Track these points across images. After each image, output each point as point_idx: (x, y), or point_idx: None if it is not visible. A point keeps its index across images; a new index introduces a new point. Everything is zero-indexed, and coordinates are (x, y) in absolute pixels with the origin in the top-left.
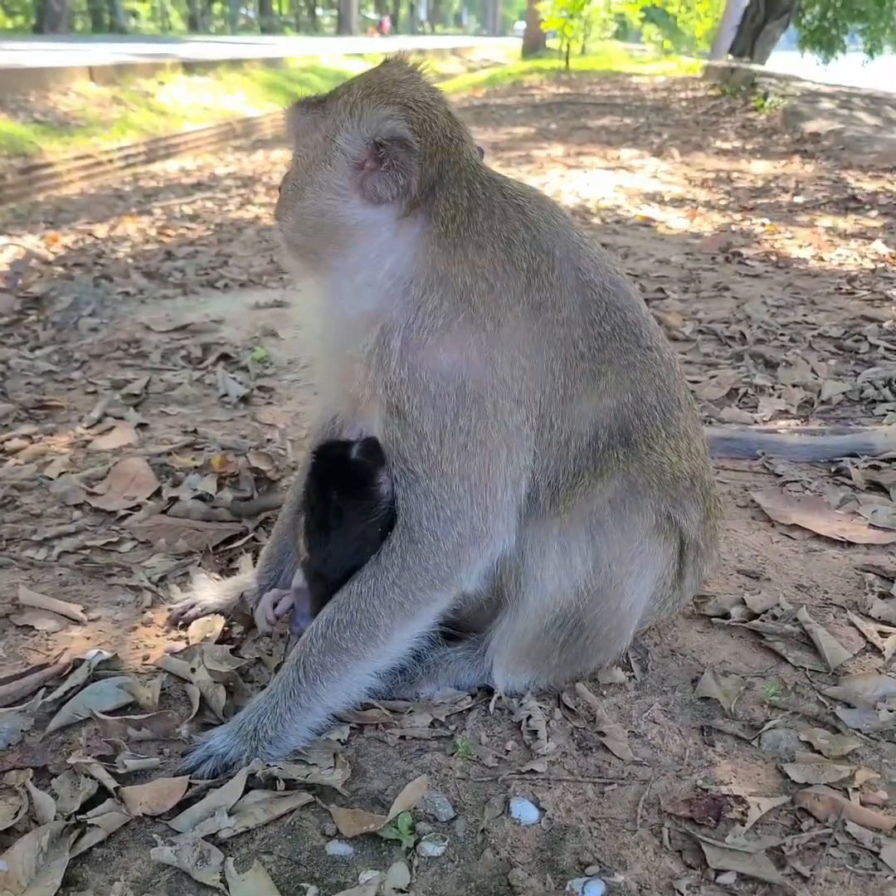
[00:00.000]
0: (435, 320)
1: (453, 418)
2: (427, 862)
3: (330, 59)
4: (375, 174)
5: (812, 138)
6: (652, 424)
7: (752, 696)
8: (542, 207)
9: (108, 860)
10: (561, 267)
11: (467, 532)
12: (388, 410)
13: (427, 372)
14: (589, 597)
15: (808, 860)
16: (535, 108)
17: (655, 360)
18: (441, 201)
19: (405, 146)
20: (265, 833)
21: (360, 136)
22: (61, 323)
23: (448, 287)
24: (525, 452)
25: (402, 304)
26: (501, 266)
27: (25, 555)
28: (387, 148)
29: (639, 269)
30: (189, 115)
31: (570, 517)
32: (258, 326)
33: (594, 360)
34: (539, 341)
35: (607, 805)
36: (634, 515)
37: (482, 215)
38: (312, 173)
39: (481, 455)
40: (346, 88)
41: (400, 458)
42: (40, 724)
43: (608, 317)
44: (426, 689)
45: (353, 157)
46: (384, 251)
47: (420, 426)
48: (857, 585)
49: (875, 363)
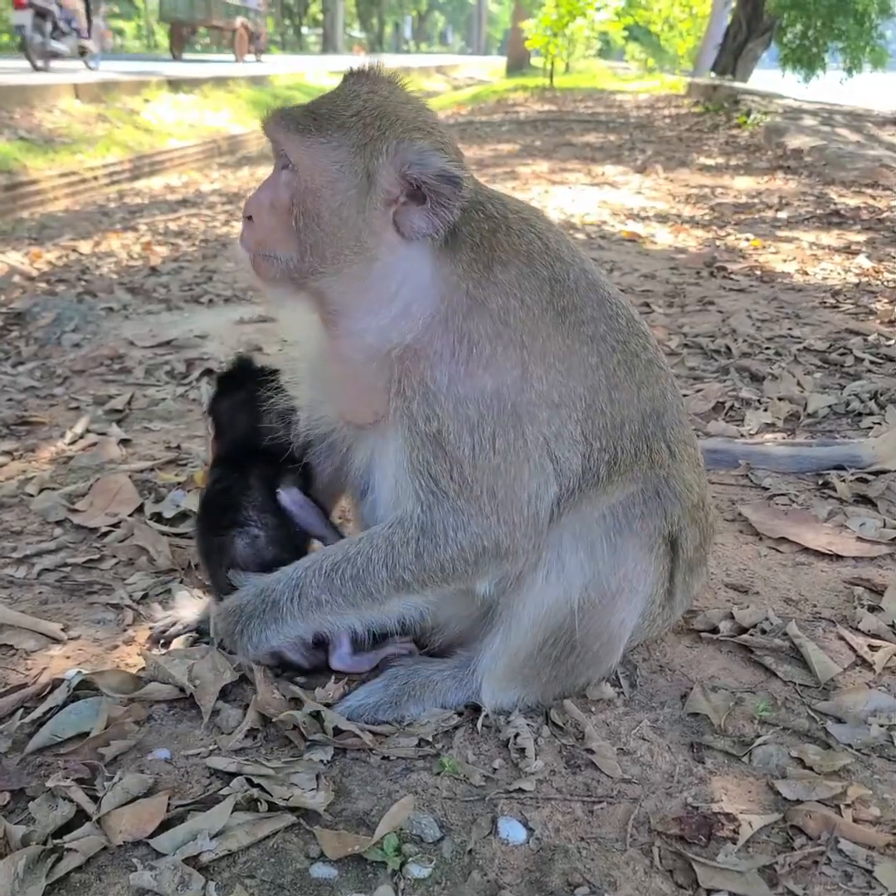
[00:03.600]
0: (481, 349)
1: (491, 441)
2: (413, 884)
3: (315, 77)
4: (412, 210)
5: (795, 155)
6: (671, 424)
7: (742, 711)
8: (540, 218)
9: (87, 885)
10: (573, 269)
11: (492, 548)
12: (422, 439)
13: (472, 403)
14: (582, 613)
15: (801, 879)
16: (519, 125)
17: (663, 360)
18: (464, 225)
19: (451, 182)
20: (248, 856)
21: (396, 171)
22: (44, 339)
23: (485, 311)
24: (562, 458)
25: (443, 334)
26: (527, 280)
27: (5, 573)
28: (430, 185)
29: (624, 284)
30: (174, 133)
31: (571, 528)
32: (242, 342)
33: (624, 352)
34: (571, 342)
35: (596, 824)
36: (634, 530)
37: (503, 234)
38: (341, 215)
39: (511, 474)
40: (357, 117)
41: (430, 479)
42: (18, 745)
43: (620, 313)
44: (412, 712)
45: (388, 194)
46: (421, 284)
47: (456, 452)
48: (845, 599)
49: (860, 376)
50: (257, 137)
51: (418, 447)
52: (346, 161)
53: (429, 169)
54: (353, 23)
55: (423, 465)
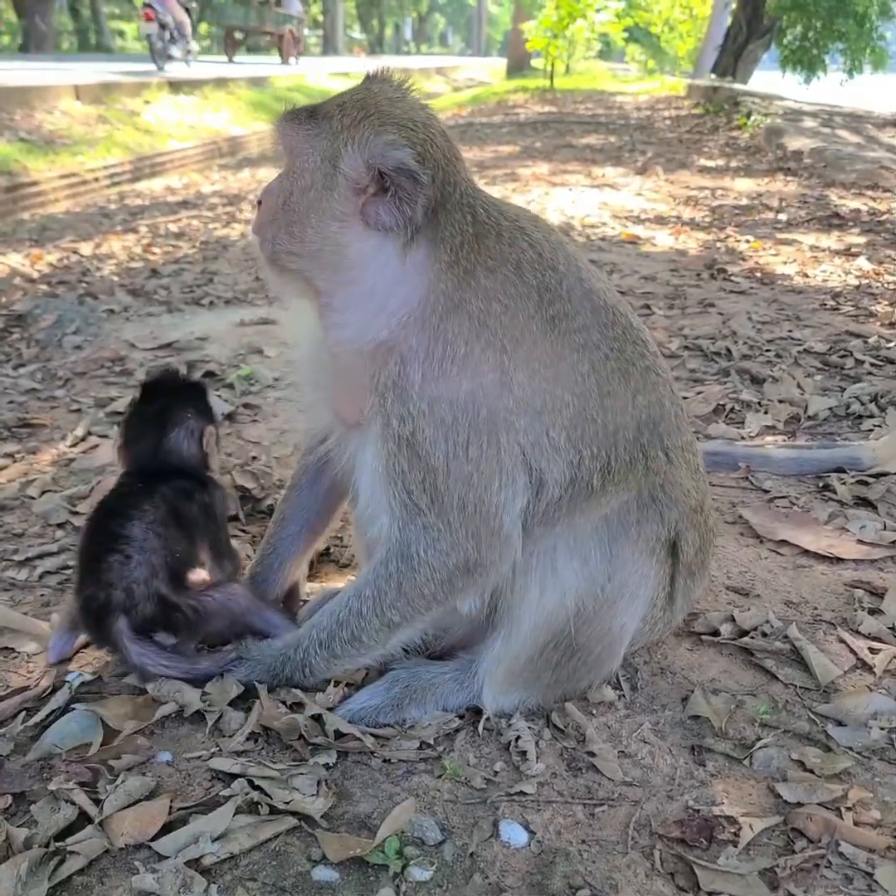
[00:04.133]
0: (457, 349)
1: (464, 449)
2: (415, 887)
3: (316, 78)
4: (379, 202)
5: (795, 156)
6: (669, 432)
7: (743, 714)
8: (538, 227)
9: (89, 888)
10: (567, 279)
11: (461, 563)
12: (397, 442)
13: (446, 404)
14: (584, 617)
15: (802, 882)
16: (519, 127)
17: (662, 367)
18: (447, 226)
19: (411, 177)
20: (249, 859)
21: (363, 161)
22: (45, 341)
23: (464, 313)
24: (542, 468)
25: (419, 332)
26: (513, 287)
27: (6, 575)
28: (391, 177)
29: (624, 286)
30: (175, 134)
31: (572, 533)
32: (243, 344)
33: (619, 360)
34: (560, 350)
35: (598, 827)
36: (630, 536)
37: (492, 241)
38: (310, 196)
39: (482, 485)
40: (339, 107)
41: (404, 491)
42: (20, 748)
43: (617, 321)
44: (413, 714)
45: (356, 183)
46: (393, 279)
47: (430, 459)
48: (846, 601)
49: (861, 378)
50: (258, 139)
51: (394, 453)
52: (319, 146)
53: (389, 161)
54: (354, 24)
55: (397, 475)
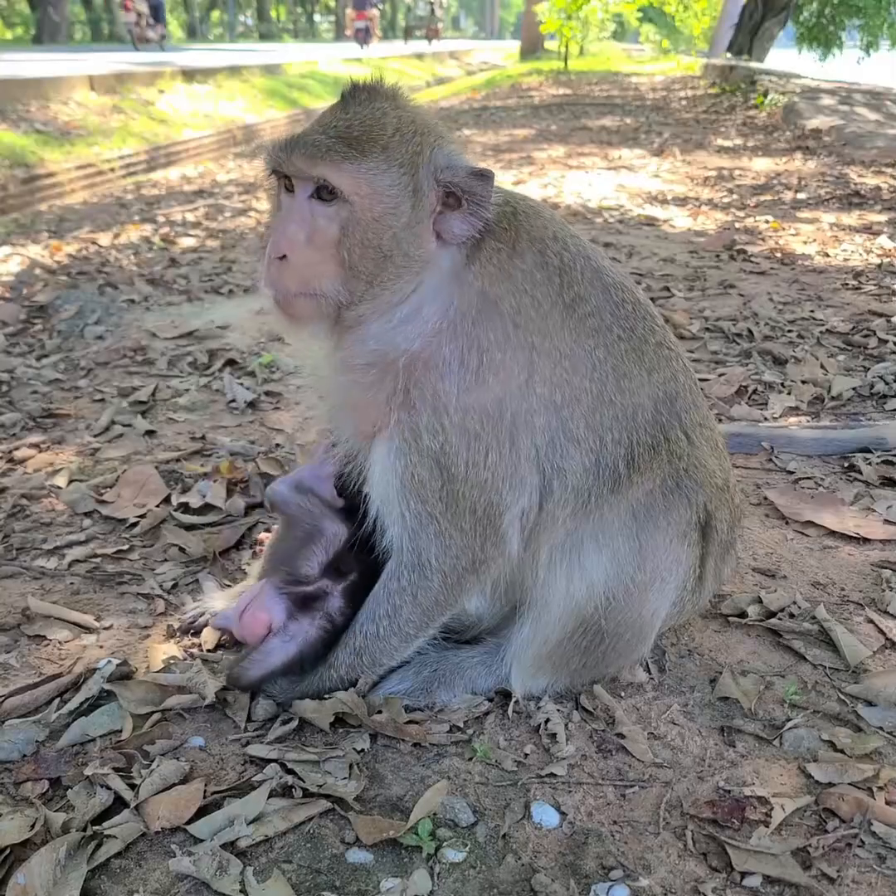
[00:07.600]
0: (492, 357)
1: (483, 456)
2: (449, 868)
3: (329, 65)
4: (451, 215)
5: (813, 135)
6: (686, 408)
7: (772, 695)
8: (541, 204)
9: (127, 871)
10: (578, 259)
11: (469, 564)
12: (420, 454)
13: (477, 414)
14: (614, 603)
15: (835, 861)
16: (534, 110)
17: (672, 341)
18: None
19: (482, 178)
20: (284, 841)
21: (435, 180)
22: (67, 331)
23: (496, 314)
24: (561, 465)
25: (451, 340)
26: (539, 270)
27: (36, 564)
28: (461, 186)
29: (643, 268)
30: (189, 123)
31: (600, 527)
32: (263, 331)
33: (631, 339)
34: (578, 336)
35: (629, 808)
36: (659, 525)
37: (522, 218)
38: (395, 230)
39: (495, 488)
40: (388, 133)
41: (419, 500)
42: (55, 734)
43: (626, 298)
44: (443, 698)
45: (431, 203)
46: (439, 286)
47: (452, 469)
48: (873, 582)
49: (884, 358)
50: (272, 126)
51: (416, 464)
52: (396, 181)
53: (460, 171)
54: None
55: (416, 485)
